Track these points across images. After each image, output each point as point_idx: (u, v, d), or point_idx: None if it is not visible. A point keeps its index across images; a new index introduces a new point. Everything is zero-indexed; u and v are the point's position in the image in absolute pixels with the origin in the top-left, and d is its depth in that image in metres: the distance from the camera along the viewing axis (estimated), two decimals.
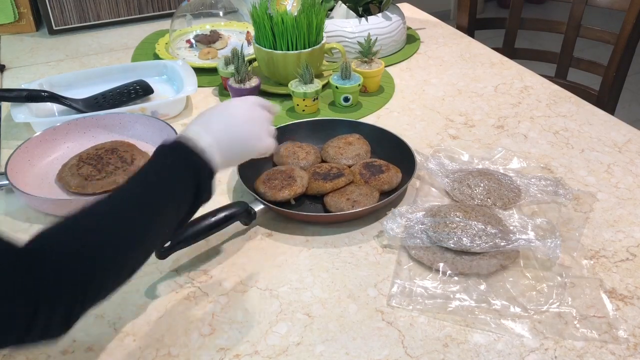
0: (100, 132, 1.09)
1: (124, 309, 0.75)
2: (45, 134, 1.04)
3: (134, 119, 1.10)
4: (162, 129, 1.06)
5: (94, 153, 0.99)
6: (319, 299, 0.76)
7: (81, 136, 1.08)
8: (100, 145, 1.02)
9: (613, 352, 0.68)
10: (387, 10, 1.40)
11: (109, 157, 0.98)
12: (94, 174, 0.95)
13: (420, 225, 0.83)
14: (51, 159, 1.03)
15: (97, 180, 0.94)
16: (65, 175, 0.96)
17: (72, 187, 0.94)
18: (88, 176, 0.95)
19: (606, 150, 1.04)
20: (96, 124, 1.09)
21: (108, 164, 0.97)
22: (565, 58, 1.60)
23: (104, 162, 0.97)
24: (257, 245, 0.85)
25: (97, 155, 0.99)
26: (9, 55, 1.49)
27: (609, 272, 0.79)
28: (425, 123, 1.14)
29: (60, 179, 0.97)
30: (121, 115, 1.10)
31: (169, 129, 1.04)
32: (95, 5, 1.61)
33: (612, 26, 1.52)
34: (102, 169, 0.96)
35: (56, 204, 0.91)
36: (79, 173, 0.95)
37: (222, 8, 1.54)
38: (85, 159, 0.98)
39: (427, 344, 0.70)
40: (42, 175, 1.00)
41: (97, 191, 0.93)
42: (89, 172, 0.95)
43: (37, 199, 0.91)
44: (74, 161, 0.99)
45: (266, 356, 0.69)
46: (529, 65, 1.36)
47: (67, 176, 0.96)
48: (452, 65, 1.37)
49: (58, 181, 0.97)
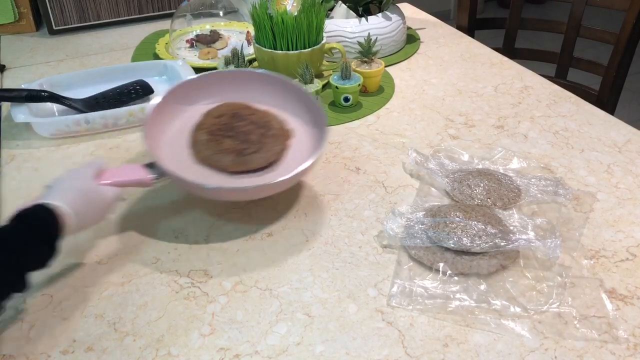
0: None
1: (124, 309, 0.75)
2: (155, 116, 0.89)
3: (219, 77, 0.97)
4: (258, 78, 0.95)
5: (217, 122, 0.87)
6: (319, 299, 0.76)
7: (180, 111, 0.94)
8: (214, 112, 0.90)
9: (613, 352, 0.68)
10: (387, 10, 1.40)
11: (241, 124, 0.87)
12: (244, 147, 0.84)
13: (420, 225, 0.83)
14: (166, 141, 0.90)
15: (254, 153, 0.84)
16: (210, 154, 0.84)
17: (227, 166, 0.84)
18: (239, 150, 0.84)
19: (606, 150, 1.04)
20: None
21: (247, 132, 0.85)
22: (565, 58, 1.60)
23: (239, 131, 0.86)
24: (257, 245, 0.85)
25: (226, 125, 0.86)
26: (9, 55, 1.49)
27: (609, 272, 0.79)
28: (425, 123, 1.14)
29: (205, 160, 0.85)
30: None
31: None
32: (95, 5, 1.61)
33: (612, 26, 1.52)
34: (246, 139, 0.85)
35: (238, 191, 0.80)
36: (224, 149, 0.84)
37: (222, 8, 1.54)
38: (216, 131, 0.86)
39: (427, 344, 0.70)
40: (174, 160, 0.86)
41: (262, 165, 0.84)
42: (235, 145, 0.84)
43: (223, 190, 0.80)
44: (202, 137, 0.87)
45: (266, 356, 0.69)
46: (529, 65, 1.36)
47: (213, 155, 0.84)
48: (452, 65, 1.37)
49: (201, 163, 0.86)
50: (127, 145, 1.09)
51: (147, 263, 0.82)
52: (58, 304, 0.76)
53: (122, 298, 0.77)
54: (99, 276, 0.80)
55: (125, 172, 0.82)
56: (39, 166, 1.04)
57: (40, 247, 0.69)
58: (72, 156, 1.07)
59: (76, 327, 0.73)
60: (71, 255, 0.83)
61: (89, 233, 0.88)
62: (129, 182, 0.82)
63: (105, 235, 0.87)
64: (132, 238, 0.87)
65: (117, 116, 1.12)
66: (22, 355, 0.70)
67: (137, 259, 0.83)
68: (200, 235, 0.87)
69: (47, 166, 1.04)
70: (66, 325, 0.73)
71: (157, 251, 0.84)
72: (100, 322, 0.74)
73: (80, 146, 1.10)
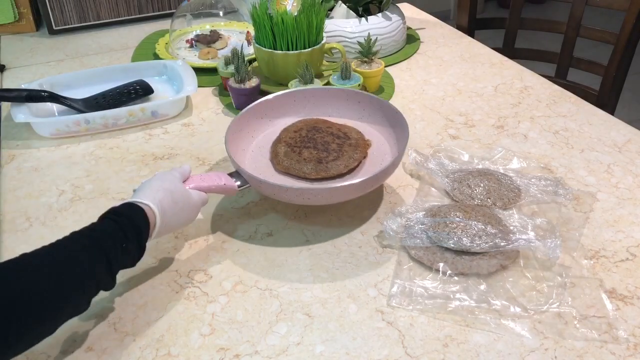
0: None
1: (124, 309, 0.75)
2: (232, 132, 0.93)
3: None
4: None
5: (296, 136, 0.92)
6: (319, 299, 0.76)
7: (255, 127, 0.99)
8: (292, 127, 0.95)
9: (613, 352, 0.68)
10: (387, 10, 1.40)
11: (318, 136, 0.91)
12: (323, 155, 0.88)
13: (420, 225, 0.83)
14: (248, 152, 0.96)
15: (333, 161, 0.88)
16: (291, 164, 0.89)
17: (308, 174, 0.88)
18: (319, 159, 0.88)
19: (606, 150, 1.04)
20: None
21: (326, 142, 0.90)
22: (565, 58, 1.60)
23: (319, 142, 0.90)
24: (257, 245, 0.85)
25: (305, 137, 0.91)
26: (9, 55, 1.49)
27: (609, 272, 0.79)
28: (425, 123, 1.14)
29: (286, 170, 0.89)
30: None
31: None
32: (95, 5, 1.61)
33: (612, 26, 1.52)
34: (325, 148, 0.89)
35: (328, 191, 0.83)
36: (303, 159, 0.88)
37: (222, 8, 1.54)
38: (294, 144, 0.91)
39: (427, 344, 0.70)
40: (256, 170, 0.91)
41: (341, 172, 0.88)
42: (315, 154, 0.88)
43: (308, 191, 0.83)
44: (282, 149, 0.91)
45: (266, 356, 0.69)
46: (529, 65, 1.36)
47: (293, 164, 0.88)
48: (452, 65, 1.37)
49: (282, 173, 0.90)
50: (127, 145, 1.09)
51: (147, 263, 0.82)
52: None
53: (122, 298, 0.77)
54: None
55: (212, 178, 0.84)
56: (39, 166, 1.04)
57: (130, 246, 0.69)
58: (72, 156, 1.07)
59: (76, 327, 0.73)
60: None
61: None
62: (215, 188, 0.84)
63: None
64: None
65: (117, 116, 1.12)
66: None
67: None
68: (200, 235, 0.87)
69: (47, 166, 1.04)
70: (67, 325, 0.73)
71: (157, 251, 0.84)
72: (100, 322, 0.74)
73: (80, 146, 1.10)
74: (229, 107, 1.21)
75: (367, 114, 0.99)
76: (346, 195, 0.85)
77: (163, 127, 1.15)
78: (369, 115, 0.99)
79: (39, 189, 0.98)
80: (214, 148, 1.08)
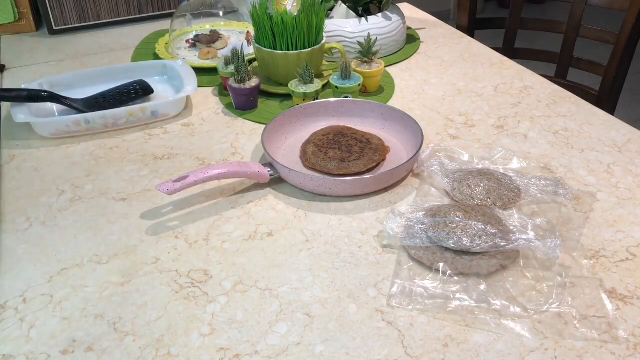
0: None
1: (124, 309, 0.75)
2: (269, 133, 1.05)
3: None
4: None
5: (324, 139, 1.03)
6: (319, 299, 0.76)
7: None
8: (321, 132, 1.06)
9: (613, 352, 0.68)
10: (387, 10, 1.40)
11: (343, 140, 1.03)
12: (346, 155, 0.99)
13: (420, 225, 0.83)
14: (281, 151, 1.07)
15: (355, 160, 0.98)
16: (317, 161, 0.99)
17: (332, 170, 0.98)
18: (342, 158, 0.99)
19: (606, 150, 1.04)
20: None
21: (350, 145, 1.01)
22: (565, 58, 1.60)
23: (344, 144, 1.02)
24: (257, 245, 0.85)
25: (332, 140, 1.03)
26: (9, 55, 1.49)
27: (609, 272, 0.79)
28: (425, 123, 1.14)
29: (313, 166, 0.99)
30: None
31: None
32: (95, 5, 1.61)
33: (612, 26, 1.52)
34: (349, 150, 1.00)
35: (346, 182, 0.93)
36: (329, 157, 0.99)
37: (222, 8, 1.54)
38: (321, 145, 1.02)
39: (427, 344, 0.70)
40: (287, 164, 1.01)
41: (361, 170, 0.97)
42: (339, 154, 0.99)
43: (326, 181, 0.93)
44: (310, 149, 1.02)
45: (266, 356, 0.69)
46: (529, 65, 1.36)
47: (319, 162, 0.99)
48: (452, 65, 1.37)
49: (309, 168, 1.00)
50: (127, 145, 1.09)
51: (147, 263, 0.82)
52: (58, 304, 0.76)
53: (122, 298, 0.77)
54: (99, 276, 0.80)
55: (248, 165, 0.95)
56: (39, 166, 1.04)
57: None
58: (72, 156, 1.07)
59: (76, 327, 0.73)
60: (71, 255, 0.84)
61: (88, 233, 0.88)
62: (251, 174, 0.94)
63: (105, 235, 0.87)
64: (132, 238, 0.87)
65: (117, 116, 1.12)
66: (22, 355, 0.70)
67: (137, 259, 0.83)
68: (200, 235, 0.87)
69: (47, 166, 1.04)
70: (66, 325, 0.73)
71: (157, 251, 0.84)
72: (100, 322, 0.74)
73: (80, 146, 1.10)
74: (229, 107, 1.21)
75: (388, 125, 1.10)
76: (361, 188, 0.94)
77: (163, 127, 1.15)
78: (390, 126, 1.10)
79: (39, 189, 0.98)
80: (214, 148, 1.08)
